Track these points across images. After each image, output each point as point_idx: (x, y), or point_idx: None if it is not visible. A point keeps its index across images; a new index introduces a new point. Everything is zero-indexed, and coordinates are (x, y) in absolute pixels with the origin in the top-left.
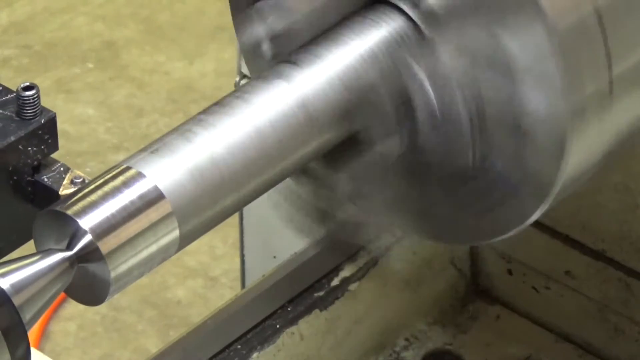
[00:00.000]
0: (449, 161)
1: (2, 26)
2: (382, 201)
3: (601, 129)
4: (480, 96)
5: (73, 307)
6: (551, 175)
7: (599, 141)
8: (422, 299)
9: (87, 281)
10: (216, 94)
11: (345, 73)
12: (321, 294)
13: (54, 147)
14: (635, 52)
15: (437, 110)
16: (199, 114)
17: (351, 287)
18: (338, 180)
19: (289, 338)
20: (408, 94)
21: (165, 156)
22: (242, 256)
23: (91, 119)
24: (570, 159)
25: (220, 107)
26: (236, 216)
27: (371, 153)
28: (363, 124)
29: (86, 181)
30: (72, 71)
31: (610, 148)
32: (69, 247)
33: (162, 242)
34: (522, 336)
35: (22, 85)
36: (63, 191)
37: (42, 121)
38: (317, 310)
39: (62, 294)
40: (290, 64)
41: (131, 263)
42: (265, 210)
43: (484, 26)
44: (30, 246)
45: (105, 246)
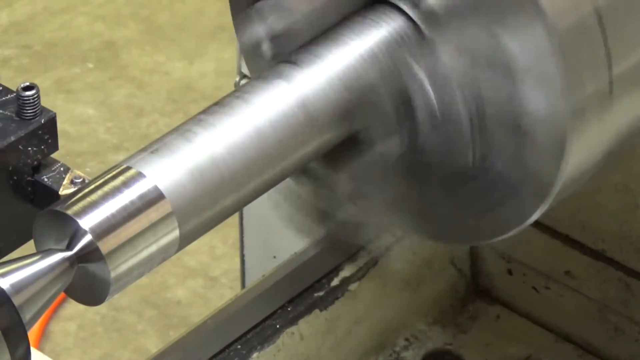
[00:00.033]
0: (449, 161)
1: (2, 26)
2: (382, 201)
3: (601, 129)
4: (480, 96)
5: (73, 307)
6: (551, 175)
7: (599, 141)
8: (422, 299)
9: (87, 281)
10: (216, 94)
11: (345, 73)
12: (321, 294)
13: (54, 147)
14: (635, 52)
15: (437, 110)
16: (199, 114)
17: (351, 287)
18: (338, 180)
19: (289, 338)
20: (408, 94)
21: (165, 156)
22: (242, 256)
23: (91, 119)
24: (570, 159)
25: (220, 107)
26: (236, 216)
27: (371, 153)
28: (363, 124)
29: (86, 181)
30: (72, 71)
31: (610, 148)
32: (69, 247)
33: (162, 242)
34: (522, 336)
35: (22, 85)
36: (63, 191)
37: (42, 121)
38: (317, 310)
39: (62, 294)
40: (290, 64)
41: (131, 263)
42: (265, 210)
43: (484, 26)
44: (30, 246)
45: (105, 246)
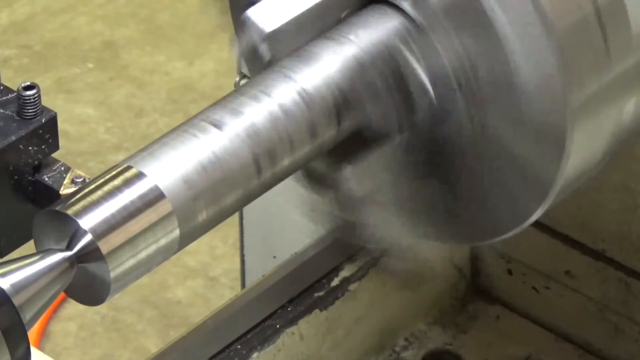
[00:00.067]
0: (449, 161)
1: (2, 26)
2: (382, 200)
3: (601, 129)
4: (481, 96)
5: (73, 307)
6: (551, 175)
7: (598, 141)
8: (422, 299)
9: (87, 281)
10: (216, 94)
11: (345, 73)
12: (321, 294)
13: (55, 146)
14: (635, 52)
15: (437, 110)
16: (199, 113)
17: (351, 287)
18: (338, 179)
19: (289, 338)
20: (409, 94)
21: (166, 155)
22: (242, 256)
23: (91, 119)
24: (570, 158)
25: (219, 106)
26: (236, 216)
27: (370, 151)
28: (363, 123)
29: (87, 180)
30: (72, 71)
31: (610, 148)
32: (68, 247)
33: (163, 242)
34: (522, 336)
35: (22, 85)
36: (64, 191)
37: (42, 120)
38: (317, 310)
39: (62, 294)
40: (290, 63)
41: (131, 263)
42: (265, 210)
43: (483, 27)
44: (30, 246)
45: (105, 246)
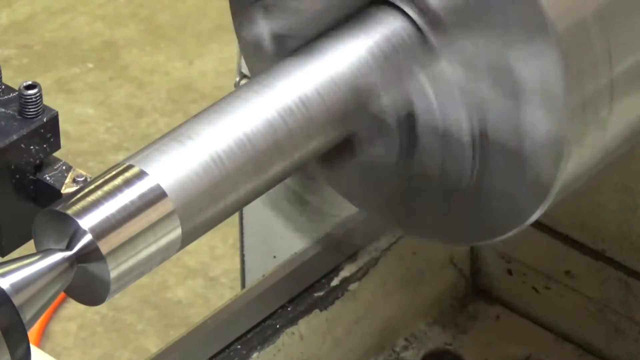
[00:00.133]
0: (449, 162)
1: (2, 26)
2: (380, 201)
3: (601, 129)
4: (481, 96)
5: (73, 307)
6: (551, 176)
7: (598, 141)
8: (422, 299)
9: (87, 281)
10: (216, 94)
11: (345, 74)
12: (321, 294)
13: (56, 145)
14: (636, 52)
15: (436, 110)
16: (199, 113)
17: (351, 287)
18: (336, 180)
19: (289, 338)
20: (408, 98)
21: (168, 154)
22: (242, 256)
23: (91, 118)
24: (570, 159)
25: (220, 106)
26: (236, 216)
27: (368, 155)
28: (361, 126)
29: (88, 179)
30: (72, 71)
31: (610, 148)
32: (68, 247)
33: (164, 241)
34: (522, 336)
35: (24, 84)
36: (65, 190)
37: (44, 120)
38: (317, 310)
39: (62, 294)
40: (290, 62)
41: (132, 262)
42: (265, 210)
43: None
44: (30, 246)
45: (105, 246)
